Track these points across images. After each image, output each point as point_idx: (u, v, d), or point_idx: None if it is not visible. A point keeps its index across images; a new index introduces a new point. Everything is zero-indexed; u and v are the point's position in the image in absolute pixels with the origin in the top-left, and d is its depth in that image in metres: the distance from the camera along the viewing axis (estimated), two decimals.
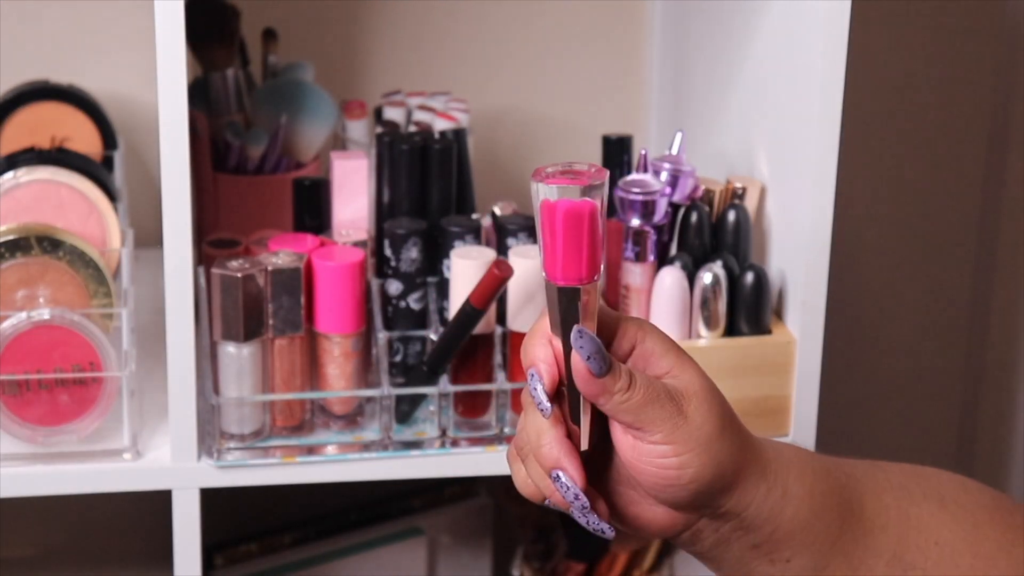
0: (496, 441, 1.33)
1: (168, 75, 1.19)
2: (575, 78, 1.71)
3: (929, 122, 1.79)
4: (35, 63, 1.60)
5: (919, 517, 0.91)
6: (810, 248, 1.30)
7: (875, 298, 1.84)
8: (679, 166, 1.34)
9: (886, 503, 0.91)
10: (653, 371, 0.86)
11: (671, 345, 0.87)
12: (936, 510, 0.91)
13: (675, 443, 0.84)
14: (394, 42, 1.67)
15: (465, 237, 1.33)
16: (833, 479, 0.90)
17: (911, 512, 0.91)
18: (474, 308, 1.27)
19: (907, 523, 0.91)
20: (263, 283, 1.28)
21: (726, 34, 1.45)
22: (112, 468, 1.29)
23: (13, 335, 1.26)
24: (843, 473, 0.91)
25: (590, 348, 0.82)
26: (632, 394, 0.83)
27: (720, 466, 0.85)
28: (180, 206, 1.22)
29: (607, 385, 0.83)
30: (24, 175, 1.34)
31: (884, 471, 0.93)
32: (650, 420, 0.84)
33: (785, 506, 0.87)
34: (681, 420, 0.84)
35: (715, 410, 0.85)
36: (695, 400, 0.85)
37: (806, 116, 1.28)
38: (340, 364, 1.31)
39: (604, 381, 0.83)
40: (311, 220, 1.38)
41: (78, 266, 1.29)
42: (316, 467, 1.31)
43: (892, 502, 0.91)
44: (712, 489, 0.85)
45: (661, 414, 0.84)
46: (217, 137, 1.49)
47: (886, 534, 0.90)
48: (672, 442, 0.84)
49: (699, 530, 0.88)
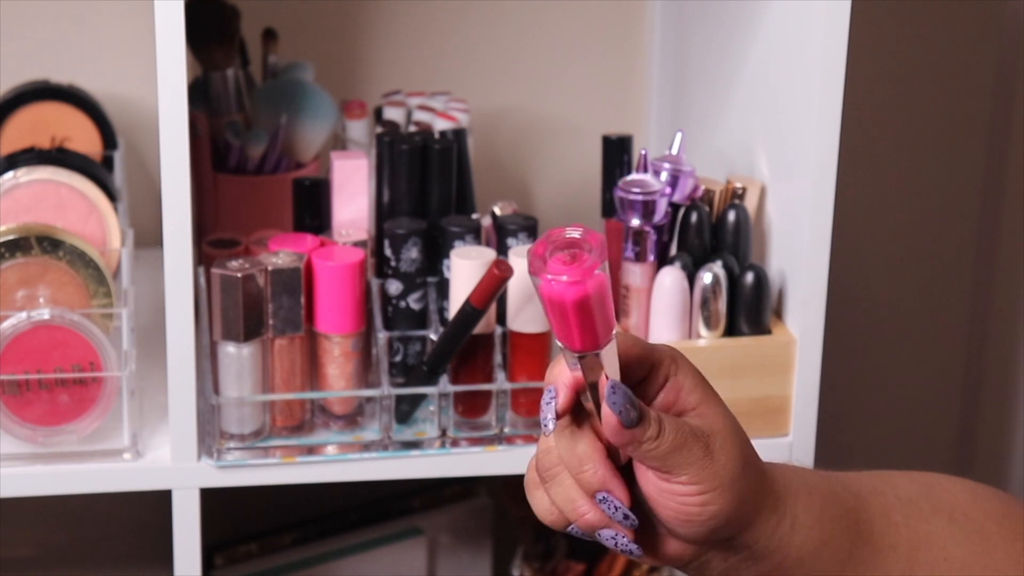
0: (496, 441, 1.33)
1: (168, 75, 1.19)
2: (575, 78, 1.71)
3: (929, 122, 1.79)
4: (35, 63, 1.60)
5: (928, 533, 0.91)
6: (810, 248, 1.30)
7: (875, 298, 1.84)
8: (679, 166, 1.34)
9: (895, 522, 0.91)
10: (682, 404, 0.86)
11: (700, 380, 0.87)
12: (945, 524, 0.91)
13: (700, 483, 0.84)
14: (394, 42, 1.67)
15: (465, 237, 1.33)
16: (841, 503, 0.90)
17: (920, 529, 0.91)
18: (474, 308, 1.27)
19: (917, 540, 0.90)
20: (263, 283, 1.28)
21: (726, 34, 1.45)
22: (112, 468, 1.29)
23: (13, 335, 1.26)
24: (851, 494, 0.91)
25: (621, 402, 0.82)
26: (661, 442, 0.83)
27: (741, 504, 0.85)
28: (180, 206, 1.22)
29: (637, 435, 0.83)
30: (24, 175, 1.34)
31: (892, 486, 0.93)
32: (677, 464, 0.84)
33: (794, 536, 0.87)
34: (708, 461, 0.84)
35: (738, 448, 0.85)
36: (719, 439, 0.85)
37: (806, 116, 1.28)
38: (340, 364, 1.31)
39: (634, 432, 0.83)
40: (311, 220, 1.38)
41: (78, 266, 1.29)
42: (316, 467, 1.31)
43: (902, 520, 0.91)
44: (730, 526, 0.86)
45: (689, 457, 0.84)
46: (217, 137, 1.49)
47: (896, 553, 0.90)
48: (698, 482, 0.84)
49: (708, 560, 0.88)
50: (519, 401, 1.33)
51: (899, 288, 1.85)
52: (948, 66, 1.78)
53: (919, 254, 1.84)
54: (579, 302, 0.79)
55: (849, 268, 1.79)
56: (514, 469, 1.34)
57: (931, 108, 1.79)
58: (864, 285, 1.83)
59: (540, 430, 1.33)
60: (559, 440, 0.85)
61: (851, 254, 1.79)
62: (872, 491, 0.92)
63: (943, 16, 1.76)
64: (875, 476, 0.94)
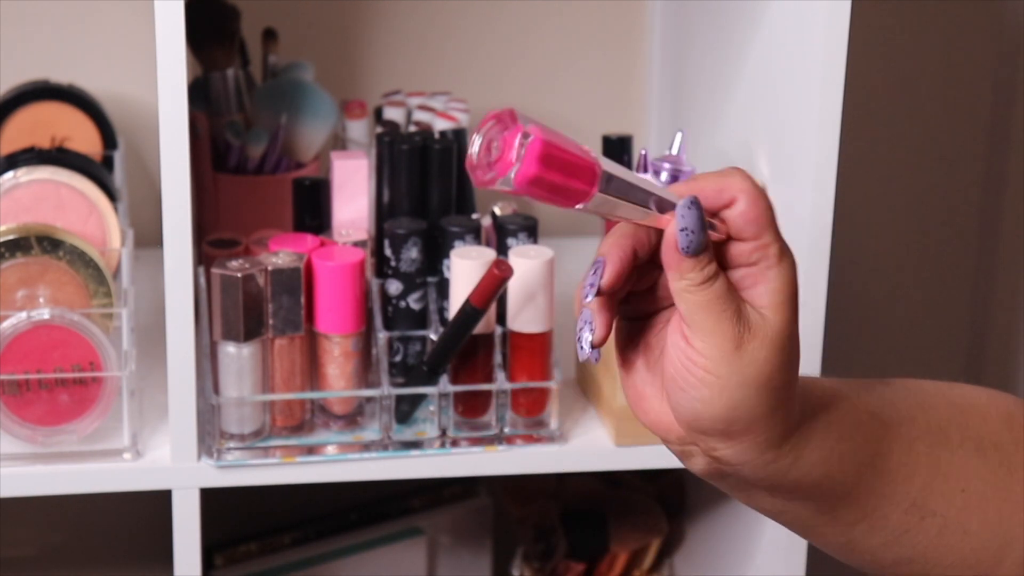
0: (496, 441, 1.33)
1: (168, 75, 1.19)
2: (575, 78, 1.71)
3: (929, 122, 1.79)
4: (35, 63, 1.60)
5: (951, 463, 0.88)
6: (810, 248, 1.30)
7: (875, 298, 1.84)
8: (679, 166, 1.34)
9: (917, 451, 0.87)
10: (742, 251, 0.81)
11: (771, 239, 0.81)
12: (971, 455, 0.88)
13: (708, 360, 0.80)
14: (394, 42, 1.67)
15: (465, 237, 1.33)
16: (863, 433, 0.86)
17: (943, 458, 0.88)
18: (474, 308, 1.27)
19: (936, 470, 0.87)
20: (263, 283, 1.28)
21: (726, 34, 1.45)
22: (112, 468, 1.29)
23: (13, 335, 1.26)
24: (879, 423, 0.87)
25: (693, 223, 0.78)
26: (701, 290, 0.80)
27: (731, 414, 0.81)
28: (180, 206, 1.22)
29: (684, 266, 0.79)
30: (24, 175, 1.34)
31: (927, 409, 0.89)
32: (701, 328, 0.80)
33: (790, 470, 0.84)
34: (731, 352, 0.80)
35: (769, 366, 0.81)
36: (759, 343, 0.81)
37: (806, 116, 1.28)
38: (340, 364, 1.31)
39: (684, 262, 0.79)
40: (311, 220, 1.38)
41: (78, 266, 1.29)
42: (316, 467, 1.31)
43: (924, 449, 0.88)
44: (710, 427, 0.82)
45: (716, 330, 0.80)
46: (217, 137, 1.49)
47: (910, 483, 0.87)
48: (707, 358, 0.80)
49: (690, 454, 0.85)
50: (519, 401, 1.33)
51: (899, 288, 1.85)
52: (948, 66, 1.78)
53: (919, 254, 1.84)
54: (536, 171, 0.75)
55: (849, 268, 1.79)
56: (514, 469, 1.34)
57: (931, 108, 1.79)
58: (864, 285, 1.83)
59: (539, 429, 1.33)
60: None
61: (851, 254, 1.79)
62: (904, 419, 0.88)
63: (943, 16, 1.76)
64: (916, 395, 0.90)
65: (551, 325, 1.32)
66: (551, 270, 1.30)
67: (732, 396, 0.81)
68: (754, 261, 0.81)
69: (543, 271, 1.30)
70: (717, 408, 0.81)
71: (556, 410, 1.33)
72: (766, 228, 0.81)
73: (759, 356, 0.81)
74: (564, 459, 1.34)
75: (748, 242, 0.81)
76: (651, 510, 1.61)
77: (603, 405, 1.36)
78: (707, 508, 1.57)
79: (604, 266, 0.81)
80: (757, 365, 0.81)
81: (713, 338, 0.80)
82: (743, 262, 0.82)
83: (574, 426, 1.36)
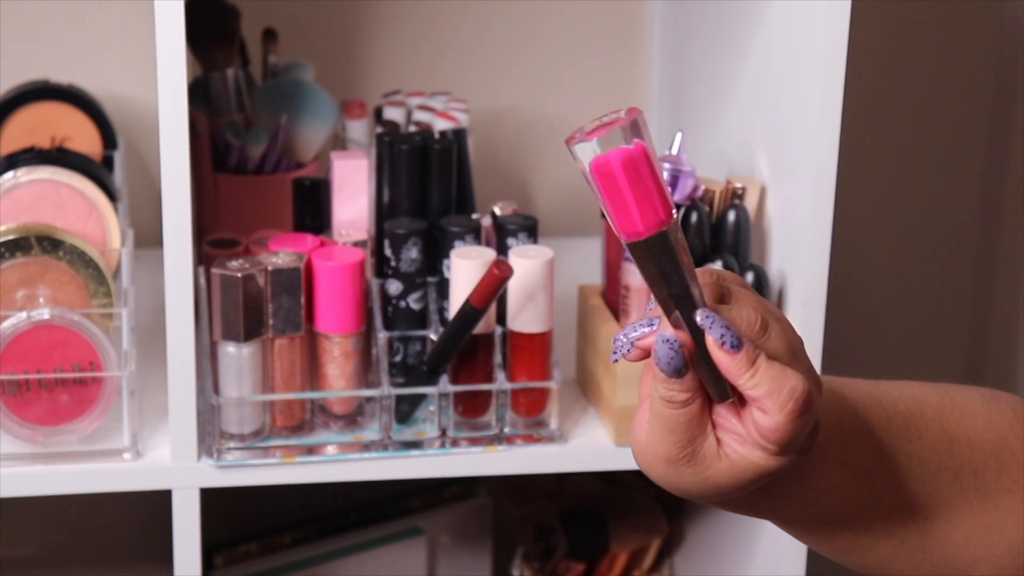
0: (496, 441, 1.33)
1: (168, 75, 1.19)
2: (575, 78, 1.71)
3: (929, 122, 1.79)
4: (35, 63, 1.60)
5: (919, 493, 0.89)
6: (810, 248, 1.30)
7: (875, 298, 1.84)
8: (679, 166, 1.34)
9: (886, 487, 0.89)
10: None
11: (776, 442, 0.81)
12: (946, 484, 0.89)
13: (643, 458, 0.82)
14: (394, 42, 1.67)
15: (465, 237, 1.33)
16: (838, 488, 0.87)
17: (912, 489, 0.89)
18: (474, 308, 1.27)
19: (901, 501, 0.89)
20: (263, 283, 1.28)
21: (726, 34, 1.45)
22: (112, 468, 1.29)
23: (13, 335, 1.26)
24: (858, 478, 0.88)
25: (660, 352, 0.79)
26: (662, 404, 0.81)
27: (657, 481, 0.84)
28: (180, 206, 1.22)
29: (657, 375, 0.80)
30: (24, 175, 1.34)
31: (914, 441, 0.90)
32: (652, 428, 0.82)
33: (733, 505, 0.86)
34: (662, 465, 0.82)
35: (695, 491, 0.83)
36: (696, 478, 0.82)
37: (806, 116, 1.28)
38: (340, 364, 1.31)
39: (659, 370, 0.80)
40: (311, 220, 1.38)
41: (78, 266, 1.29)
42: (316, 467, 1.31)
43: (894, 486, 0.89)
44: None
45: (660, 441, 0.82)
46: (217, 137, 1.49)
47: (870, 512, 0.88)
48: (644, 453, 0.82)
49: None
50: (519, 401, 1.33)
51: (899, 288, 1.85)
52: (948, 66, 1.78)
53: (919, 254, 1.84)
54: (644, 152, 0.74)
55: (849, 267, 1.79)
56: (514, 469, 1.34)
57: (931, 108, 1.79)
58: (864, 285, 1.83)
59: (539, 429, 1.33)
60: None
61: (851, 254, 1.79)
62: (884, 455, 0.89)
63: (943, 16, 1.76)
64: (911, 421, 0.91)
65: (551, 325, 1.32)
66: (551, 270, 1.30)
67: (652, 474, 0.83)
68: (752, 438, 0.81)
69: (543, 271, 1.30)
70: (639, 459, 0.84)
71: (556, 410, 1.33)
72: (775, 443, 0.80)
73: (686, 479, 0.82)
74: (564, 459, 1.34)
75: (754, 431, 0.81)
76: (651, 510, 1.61)
77: (603, 405, 1.36)
78: (707, 508, 1.57)
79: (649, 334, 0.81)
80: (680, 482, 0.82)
81: (653, 443, 0.82)
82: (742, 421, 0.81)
83: (574, 426, 1.36)
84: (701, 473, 0.82)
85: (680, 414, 0.81)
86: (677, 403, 0.81)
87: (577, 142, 0.75)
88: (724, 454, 0.81)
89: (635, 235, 0.76)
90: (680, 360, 0.79)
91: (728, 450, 0.81)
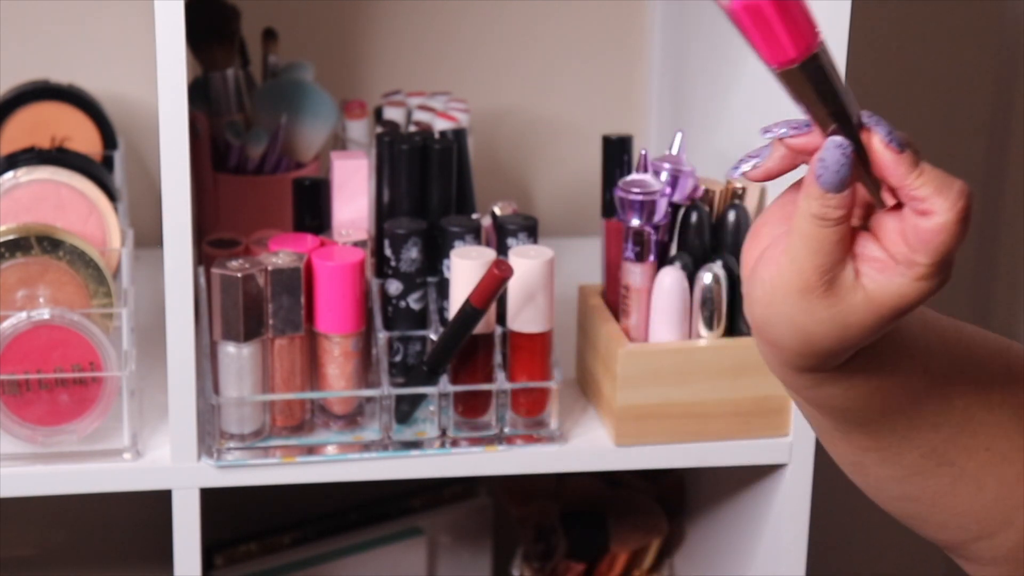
0: (496, 441, 1.33)
1: (168, 75, 1.19)
2: (575, 78, 1.71)
3: (929, 122, 1.79)
4: (35, 63, 1.60)
5: (982, 422, 0.86)
6: None
7: None
8: (679, 166, 1.34)
9: (953, 405, 0.86)
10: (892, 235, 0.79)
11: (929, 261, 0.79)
12: (1007, 418, 0.87)
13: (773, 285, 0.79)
14: (394, 42, 1.67)
15: (465, 237, 1.33)
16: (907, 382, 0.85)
17: (976, 416, 0.86)
18: (474, 308, 1.27)
19: (965, 426, 0.86)
20: (263, 283, 1.28)
21: (726, 34, 1.45)
22: (112, 468, 1.29)
23: (13, 335, 1.26)
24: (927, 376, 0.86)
25: (828, 156, 0.77)
26: (812, 221, 0.78)
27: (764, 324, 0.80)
28: (180, 206, 1.22)
29: (812, 188, 0.78)
30: (24, 175, 1.34)
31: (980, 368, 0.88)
32: (790, 250, 0.79)
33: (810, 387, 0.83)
34: (795, 293, 0.78)
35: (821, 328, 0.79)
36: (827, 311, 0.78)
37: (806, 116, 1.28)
38: (340, 364, 1.31)
39: (814, 182, 0.78)
40: (311, 220, 1.38)
41: (78, 266, 1.29)
42: (316, 467, 1.31)
43: (960, 404, 0.86)
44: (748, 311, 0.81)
45: (800, 265, 0.78)
46: (217, 137, 1.50)
47: (935, 432, 0.86)
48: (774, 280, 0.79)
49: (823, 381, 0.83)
50: (519, 401, 1.33)
51: None
52: (948, 66, 1.78)
53: None
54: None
55: None
56: (514, 469, 1.34)
57: (931, 108, 1.79)
58: None
59: (539, 429, 1.33)
60: None
61: None
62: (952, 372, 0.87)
63: (943, 16, 1.76)
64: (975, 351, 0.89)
65: (551, 325, 1.32)
66: (551, 270, 1.30)
67: (772, 316, 0.80)
68: (898, 258, 0.79)
69: (543, 271, 1.30)
70: (757, 310, 0.80)
71: (556, 410, 1.33)
72: (933, 252, 0.78)
73: (817, 316, 0.79)
74: (564, 459, 1.34)
75: (904, 246, 0.79)
76: (651, 510, 1.61)
77: (603, 405, 1.36)
78: (707, 508, 1.57)
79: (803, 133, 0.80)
80: (810, 321, 0.79)
81: (791, 270, 0.78)
82: (885, 245, 0.79)
83: (574, 426, 1.36)
84: (835, 306, 0.78)
85: (831, 232, 0.77)
86: (831, 220, 0.78)
87: None
88: (861, 284, 0.78)
89: (788, 62, 0.76)
90: (848, 168, 0.77)
91: (866, 280, 0.78)
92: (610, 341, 1.33)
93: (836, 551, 1.86)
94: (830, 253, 0.78)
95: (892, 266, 0.79)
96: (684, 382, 1.32)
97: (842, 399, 0.84)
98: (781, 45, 0.76)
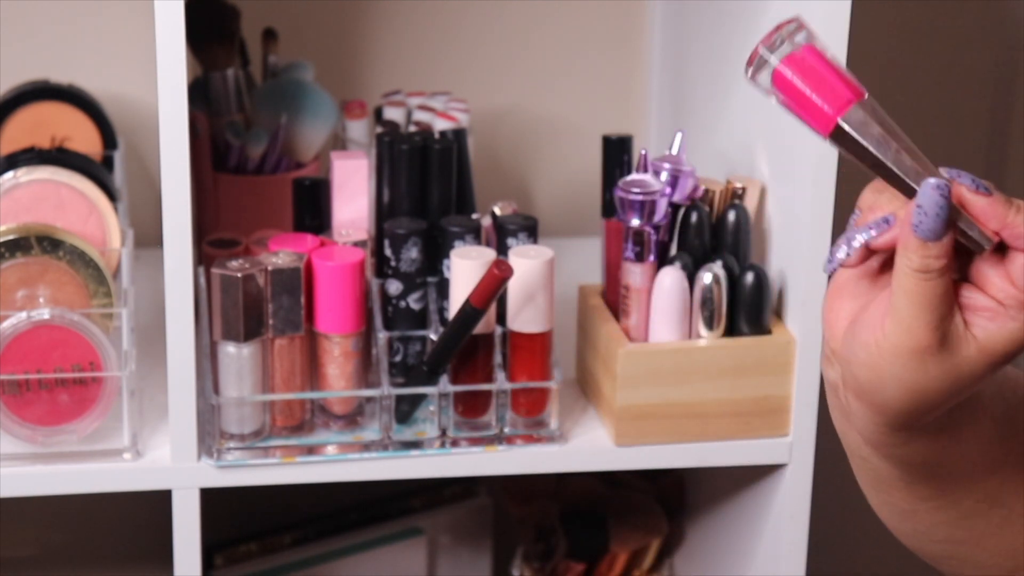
0: (496, 441, 1.33)
1: (168, 75, 1.19)
2: (575, 78, 1.71)
3: (929, 122, 1.79)
4: (35, 63, 1.60)
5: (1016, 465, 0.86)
6: (810, 248, 1.30)
7: None
8: (679, 166, 1.34)
9: (1008, 448, 0.85)
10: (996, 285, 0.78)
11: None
12: None
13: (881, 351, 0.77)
14: (394, 42, 1.67)
15: (465, 237, 1.33)
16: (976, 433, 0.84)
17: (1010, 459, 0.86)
18: (474, 308, 1.27)
19: (1018, 467, 0.85)
20: (263, 283, 1.28)
21: (726, 34, 1.45)
22: (112, 468, 1.29)
23: (13, 335, 1.26)
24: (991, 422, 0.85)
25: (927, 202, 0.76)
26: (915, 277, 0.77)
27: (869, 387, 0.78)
28: (180, 206, 1.22)
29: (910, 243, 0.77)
30: (24, 175, 1.34)
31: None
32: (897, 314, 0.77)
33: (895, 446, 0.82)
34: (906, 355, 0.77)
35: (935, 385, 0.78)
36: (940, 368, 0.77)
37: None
38: (340, 364, 1.31)
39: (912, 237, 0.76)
40: (311, 220, 1.38)
41: (78, 266, 1.29)
42: (316, 467, 1.31)
43: (1017, 448, 0.85)
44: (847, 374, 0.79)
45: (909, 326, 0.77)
46: (217, 137, 1.50)
47: (991, 477, 0.85)
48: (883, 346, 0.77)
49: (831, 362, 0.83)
50: (519, 401, 1.33)
51: None
52: (948, 66, 1.78)
53: None
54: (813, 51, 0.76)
55: None
56: (514, 469, 1.34)
57: (931, 108, 1.79)
58: None
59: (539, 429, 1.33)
60: None
61: None
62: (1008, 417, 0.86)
63: (943, 16, 1.76)
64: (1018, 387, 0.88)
65: (551, 325, 1.32)
66: (551, 270, 1.30)
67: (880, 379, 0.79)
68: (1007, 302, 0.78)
69: (543, 271, 1.30)
70: (862, 373, 0.79)
71: (556, 410, 1.33)
72: None
73: (931, 374, 0.78)
74: (564, 459, 1.34)
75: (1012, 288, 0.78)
76: (651, 510, 1.61)
77: (603, 405, 1.36)
78: (707, 508, 1.57)
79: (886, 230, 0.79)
80: (924, 380, 0.78)
81: (899, 331, 0.77)
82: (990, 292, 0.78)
83: (574, 426, 1.36)
84: (948, 360, 0.77)
85: (936, 285, 0.76)
86: (934, 272, 0.76)
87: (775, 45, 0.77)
88: (972, 335, 0.77)
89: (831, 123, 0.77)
90: (947, 212, 0.75)
91: (976, 330, 0.77)
92: (610, 341, 1.33)
93: (836, 551, 1.86)
94: (938, 308, 0.77)
95: (1002, 312, 0.78)
96: (684, 382, 1.32)
97: (925, 453, 0.83)
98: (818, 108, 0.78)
